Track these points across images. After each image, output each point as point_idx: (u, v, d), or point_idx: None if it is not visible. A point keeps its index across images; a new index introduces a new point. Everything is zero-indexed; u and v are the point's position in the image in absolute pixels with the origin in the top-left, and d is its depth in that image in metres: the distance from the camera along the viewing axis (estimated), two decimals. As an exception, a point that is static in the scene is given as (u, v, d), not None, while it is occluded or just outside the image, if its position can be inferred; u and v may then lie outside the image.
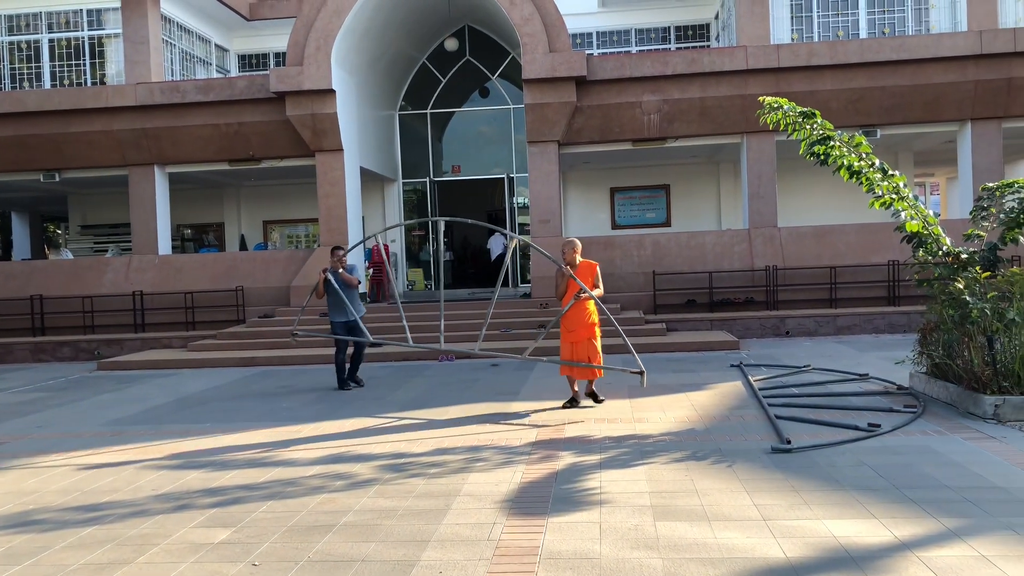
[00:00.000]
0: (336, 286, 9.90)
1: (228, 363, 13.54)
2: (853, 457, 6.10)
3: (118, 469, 6.71)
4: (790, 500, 5.12)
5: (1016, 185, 8.48)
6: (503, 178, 20.06)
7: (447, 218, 9.61)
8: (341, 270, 10.12)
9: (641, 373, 8.03)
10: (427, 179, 20.34)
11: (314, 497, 5.64)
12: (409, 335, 9.16)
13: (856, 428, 6.98)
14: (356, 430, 7.92)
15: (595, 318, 8.50)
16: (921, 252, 8.32)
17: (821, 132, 8.40)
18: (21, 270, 17.77)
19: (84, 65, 18.07)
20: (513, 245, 8.74)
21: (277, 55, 21.66)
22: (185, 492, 5.92)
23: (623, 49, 20.73)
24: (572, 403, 8.57)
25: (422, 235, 20.68)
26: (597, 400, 8.67)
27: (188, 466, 6.73)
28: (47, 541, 4.93)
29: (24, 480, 6.48)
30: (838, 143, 8.36)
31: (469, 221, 9.58)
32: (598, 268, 8.56)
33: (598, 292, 8.37)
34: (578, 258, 8.48)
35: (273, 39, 21.37)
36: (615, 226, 20.55)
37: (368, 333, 9.83)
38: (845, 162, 8.32)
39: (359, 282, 10.39)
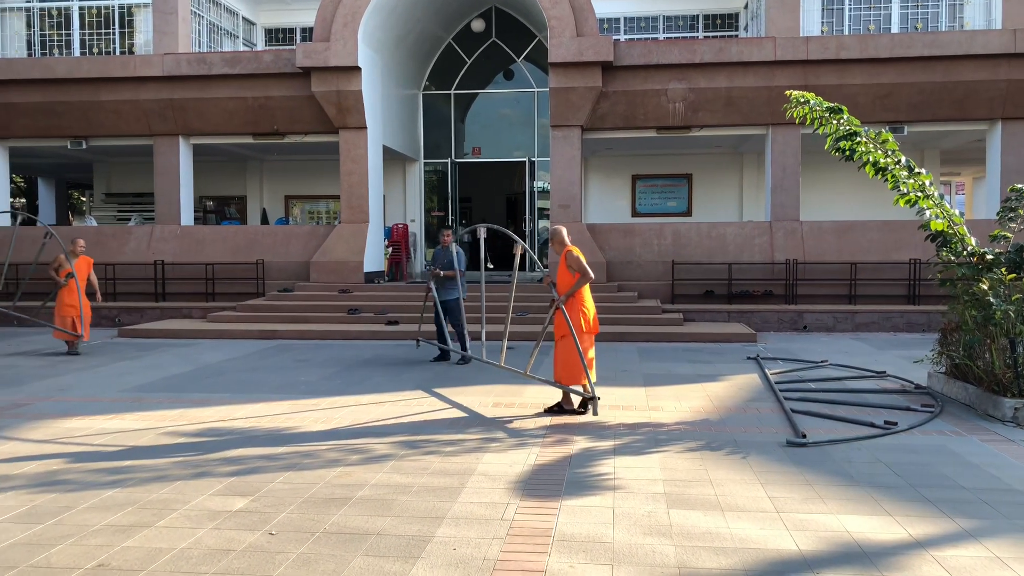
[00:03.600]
0: (436, 294, 10.27)
1: (247, 335, 13.66)
2: (869, 454, 6.09)
3: (138, 434, 6.81)
4: (804, 494, 5.13)
5: (1046, 187, 8.38)
6: (524, 162, 20.02)
7: (489, 225, 9.31)
8: (440, 271, 10.54)
9: (592, 400, 7.39)
10: (448, 160, 20.34)
11: (331, 470, 5.70)
12: (504, 357, 8.63)
13: (872, 425, 6.97)
14: (372, 406, 7.98)
15: (584, 315, 7.54)
16: (945, 251, 8.25)
17: (848, 128, 8.34)
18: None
19: (113, 34, 18.14)
20: (520, 251, 8.40)
21: (304, 30, 21.65)
22: (204, 460, 6.00)
23: (650, 36, 20.58)
24: (582, 406, 7.62)
25: (441, 216, 20.70)
26: (551, 413, 7.57)
27: (207, 434, 6.82)
28: (70, 501, 5.02)
29: (47, 441, 6.59)
30: (864, 139, 8.30)
31: (510, 233, 8.97)
32: (571, 251, 7.58)
33: (578, 280, 7.44)
34: (565, 243, 7.78)
35: (300, 14, 21.35)
36: (635, 214, 20.49)
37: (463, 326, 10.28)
38: (871, 158, 8.26)
39: (458, 271, 10.46)
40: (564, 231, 7.92)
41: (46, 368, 10.59)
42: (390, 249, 18.26)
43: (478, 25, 19.69)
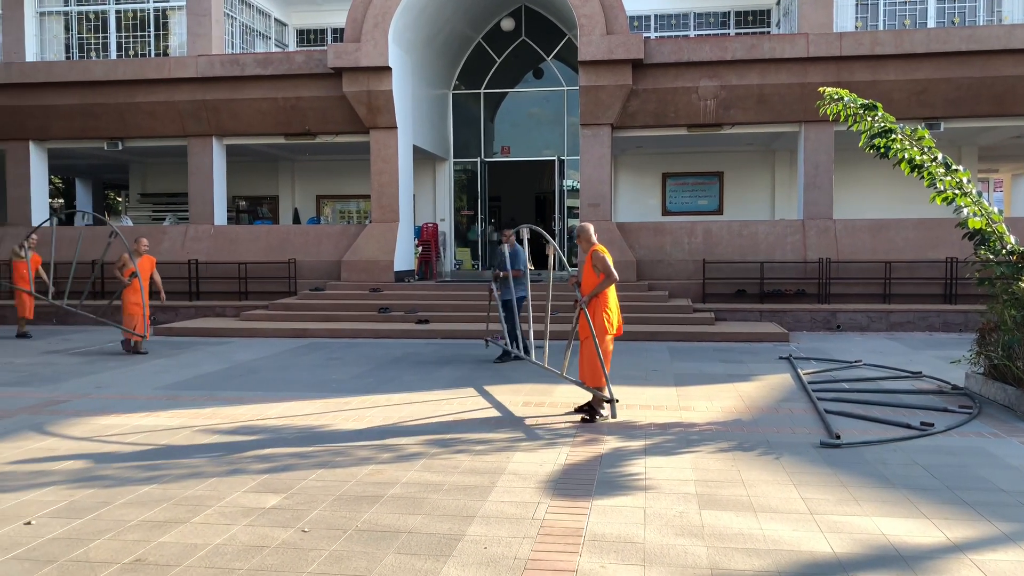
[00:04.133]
0: (496, 294, 10.34)
1: (279, 334, 13.80)
2: (904, 455, 6.00)
3: (173, 431, 6.91)
4: (838, 495, 5.07)
5: (1088, 184, 8.19)
6: (554, 160, 20.00)
7: (531, 227, 9.14)
8: (500, 272, 10.48)
9: (610, 402, 7.27)
10: (478, 159, 20.37)
11: (362, 468, 5.74)
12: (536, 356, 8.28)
13: (908, 426, 6.86)
14: (403, 405, 8.02)
15: (608, 318, 7.30)
16: (983, 250, 8.11)
17: (882, 125, 8.23)
18: (83, 235, 18.26)
19: (149, 36, 18.41)
20: (552, 251, 8.24)
21: (335, 31, 21.81)
22: (237, 457, 6.07)
23: (681, 33, 20.44)
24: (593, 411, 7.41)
25: (470, 215, 20.75)
26: (582, 412, 7.39)
27: (240, 432, 6.90)
28: (107, 497, 5.11)
29: (85, 438, 6.71)
30: (900, 136, 8.18)
31: (545, 234, 8.72)
32: (596, 251, 7.35)
33: (602, 281, 7.22)
34: (592, 242, 7.52)
35: (332, 15, 21.51)
36: (666, 212, 20.37)
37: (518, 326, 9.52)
38: (906, 155, 8.14)
39: (510, 271, 10.21)
40: (591, 229, 7.68)
41: (84, 365, 10.78)
42: (420, 248, 18.33)
43: (508, 24, 19.70)
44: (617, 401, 7.49)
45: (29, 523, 4.64)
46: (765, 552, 4.15)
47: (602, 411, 7.39)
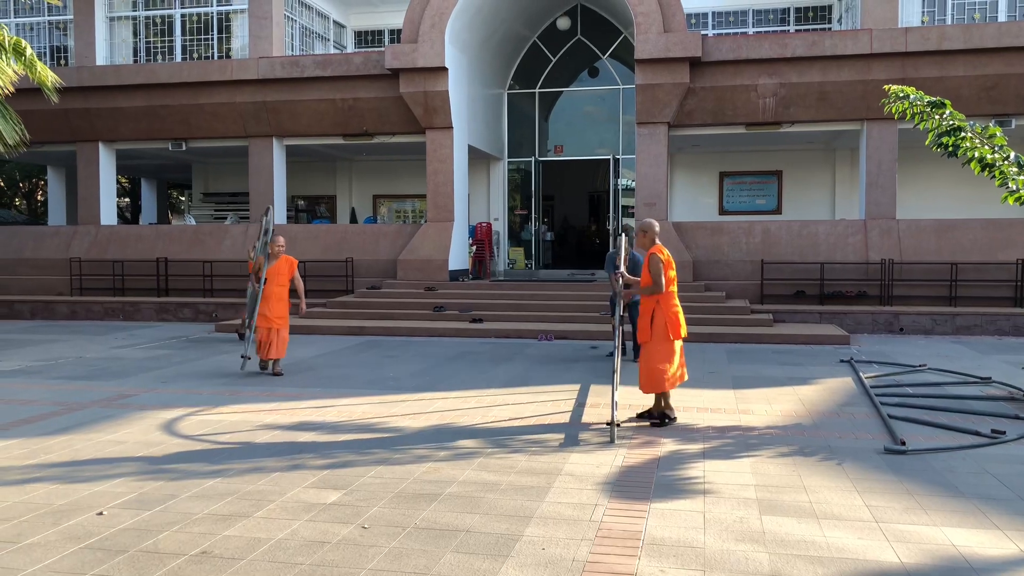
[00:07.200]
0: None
1: (336, 331, 13.99)
2: (974, 464, 5.82)
3: (235, 426, 7.07)
4: (904, 503, 4.94)
5: None
6: (609, 159, 19.89)
7: (627, 223, 9.03)
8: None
9: (609, 424, 6.75)
10: (532, 158, 20.37)
11: (419, 466, 5.79)
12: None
13: (977, 433, 6.65)
14: (458, 403, 8.07)
15: (671, 322, 7.04)
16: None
17: (951, 123, 7.98)
18: (149, 233, 18.83)
19: (212, 39, 18.85)
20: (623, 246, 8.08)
21: (392, 32, 22.03)
22: (298, 453, 6.18)
23: (740, 30, 20.14)
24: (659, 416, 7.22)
25: (524, 215, 20.76)
26: (651, 419, 7.19)
27: (300, 428, 7.02)
28: (174, 490, 5.25)
29: (152, 431, 6.91)
30: (969, 134, 7.92)
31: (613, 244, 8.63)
32: (654, 255, 7.02)
33: (646, 287, 7.01)
34: (656, 242, 7.21)
35: (389, 16, 21.73)
36: (723, 212, 20.08)
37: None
38: (977, 154, 7.88)
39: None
40: (656, 227, 7.28)
41: (150, 361, 11.09)
42: (474, 247, 18.41)
43: (563, 23, 19.66)
44: (619, 426, 6.76)
45: (101, 513, 4.79)
46: (829, 560, 4.07)
47: (671, 414, 7.19)
